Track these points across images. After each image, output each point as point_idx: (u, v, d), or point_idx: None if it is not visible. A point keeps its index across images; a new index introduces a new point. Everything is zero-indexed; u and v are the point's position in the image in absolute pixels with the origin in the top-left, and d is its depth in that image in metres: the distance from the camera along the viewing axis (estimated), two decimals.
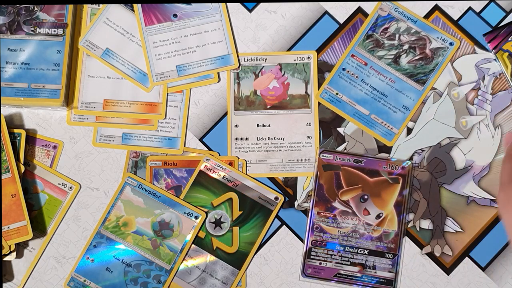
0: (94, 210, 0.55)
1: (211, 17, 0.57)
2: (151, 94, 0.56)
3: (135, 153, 0.56)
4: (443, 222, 0.55)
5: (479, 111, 0.56)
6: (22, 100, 0.54)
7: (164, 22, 0.57)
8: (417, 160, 0.56)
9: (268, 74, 0.57)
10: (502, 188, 0.43)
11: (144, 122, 0.56)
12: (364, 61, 0.57)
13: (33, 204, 0.55)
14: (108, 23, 0.57)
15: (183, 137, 0.56)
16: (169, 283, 0.54)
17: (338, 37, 0.58)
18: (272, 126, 0.56)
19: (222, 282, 0.54)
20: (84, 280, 0.54)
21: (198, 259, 0.54)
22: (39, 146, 0.56)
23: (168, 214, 0.54)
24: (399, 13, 0.57)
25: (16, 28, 0.56)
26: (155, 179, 0.56)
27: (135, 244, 0.54)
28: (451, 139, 0.56)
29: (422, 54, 0.57)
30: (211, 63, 0.57)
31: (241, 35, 0.58)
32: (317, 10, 0.58)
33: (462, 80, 0.57)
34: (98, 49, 0.57)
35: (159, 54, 0.57)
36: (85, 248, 0.54)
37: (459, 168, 0.56)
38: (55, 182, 0.55)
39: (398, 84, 0.56)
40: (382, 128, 0.56)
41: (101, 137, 0.56)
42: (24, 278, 0.54)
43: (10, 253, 0.53)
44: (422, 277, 0.54)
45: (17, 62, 0.55)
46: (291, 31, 0.58)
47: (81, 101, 0.56)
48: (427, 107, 0.56)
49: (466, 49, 0.57)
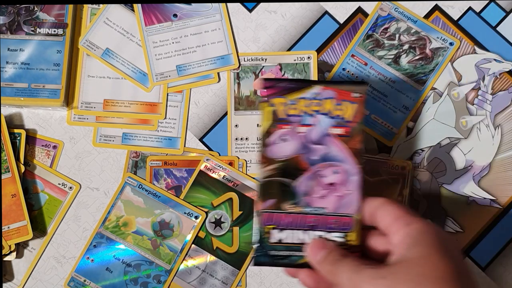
0: (94, 210, 0.55)
1: (211, 17, 0.57)
2: (151, 94, 0.56)
3: (135, 153, 0.56)
4: (443, 222, 0.55)
5: (479, 111, 0.56)
6: (22, 100, 0.54)
7: (164, 22, 0.57)
8: (417, 160, 0.56)
9: (268, 74, 0.57)
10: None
11: (144, 122, 0.56)
12: (364, 61, 0.57)
13: (33, 204, 0.55)
14: (108, 23, 0.57)
15: (183, 137, 0.56)
16: (169, 283, 0.54)
17: (338, 37, 0.58)
18: None
19: (222, 282, 0.54)
20: (84, 280, 0.54)
21: (198, 259, 0.54)
22: (39, 146, 0.56)
23: (168, 214, 0.54)
24: (399, 13, 0.57)
25: (16, 28, 0.56)
26: (155, 179, 0.56)
27: (135, 244, 0.54)
28: (451, 139, 0.56)
29: (422, 54, 0.57)
30: (211, 63, 0.57)
31: (241, 35, 0.58)
32: (317, 10, 0.58)
33: (462, 80, 0.57)
34: (98, 49, 0.57)
35: (159, 54, 0.57)
36: (85, 248, 0.54)
37: (459, 168, 0.56)
38: (55, 182, 0.55)
39: (398, 84, 0.56)
40: (382, 128, 0.56)
41: (101, 137, 0.56)
42: (24, 278, 0.54)
43: (10, 253, 0.53)
44: None
45: (17, 62, 0.55)
46: (291, 31, 0.58)
47: (81, 101, 0.56)
48: (427, 107, 0.56)
49: (466, 49, 0.57)
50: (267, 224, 0.42)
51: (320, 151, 0.43)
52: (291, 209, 0.42)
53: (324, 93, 0.43)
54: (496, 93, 0.57)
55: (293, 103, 0.43)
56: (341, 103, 0.43)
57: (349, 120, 0.43)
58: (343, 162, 0.42)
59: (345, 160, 0.43)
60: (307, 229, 0.42)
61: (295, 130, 0.43)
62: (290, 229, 0.42)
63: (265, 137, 0.43)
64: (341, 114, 0.43)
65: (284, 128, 0.43)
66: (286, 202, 0.42)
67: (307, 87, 0.43)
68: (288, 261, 0.42)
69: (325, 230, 0.42)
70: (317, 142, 0.43)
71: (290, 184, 0.42)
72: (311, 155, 0.43)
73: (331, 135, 0.43)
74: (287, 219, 0.42)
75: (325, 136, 0.43)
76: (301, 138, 0.43)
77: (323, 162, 0.42)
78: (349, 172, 0.42)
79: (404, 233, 0.38)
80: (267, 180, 0.42)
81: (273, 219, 0.42)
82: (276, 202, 0.42)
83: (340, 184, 0.42)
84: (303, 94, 0.43)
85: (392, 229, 0.39)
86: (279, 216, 0.42)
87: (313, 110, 0.43)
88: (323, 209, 0.42)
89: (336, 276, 0.38)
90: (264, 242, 0.42)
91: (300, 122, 0.43)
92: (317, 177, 0.42)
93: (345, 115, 0.43)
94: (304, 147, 0.43)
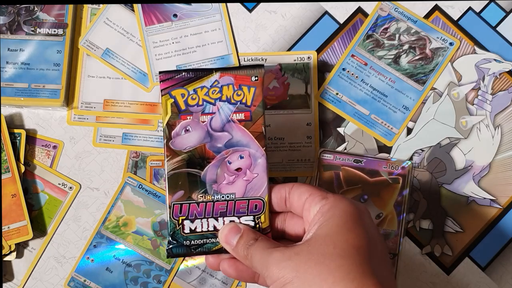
0: (94, 210, 0.55)
1: (211, 17, 0.57)
2: (151, 94, 0.56)
3: (135, 153, 0.56)
4: (443, 222, 0.55)
5: (479, 111, 0.56)
6: (22, 100, 0.54)
7: (164, 22, 0.57)
8: (417, 160, 0.56)
9: (268, 74, 0.57)
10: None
11: (144, 122, 0.56)
12: (364, 61, 0.57)
13: (33, 204, 0.55)
14: (108, 23, 0.57)
15: None
16: (169, 283, 0.54)
17: (338, 37, 0.58)
18: (272, 126, 0.56)
19: (222, 282, 0.54)
20: (84, 280, 0.54)
21: (198, 259, 0.54)
22: (39, 146, 0.56)
23: None
24: (399, 13, 0.57)
25: (16, 28, 0.56)
26: (155, 179, 0.56)
27: (135, 244, 0.54)
28: (451, 139, 0.56)
29: (422, 54, 0.57)
30: (211, 63, 0.57)
31: (241, 35, 0.58)
32: (317, 10, 0.58)
33: (462, 80, 0.57)
34: (98, 49, 0.57)
35: (159, 54, 0.57)
36: (85, 248, 0.54)
37: (459, 168, 0.56)
38: (55, 182, 0.55)
39: (398, 84, 0.56)
40: (382, 128, 0.56)
41: (101, 137, 0.56)
42: (24, 278, 0.54)
43: (10, 253, 0.53)
44: (422, 277, 0.54)
45: (17, 62, 0.55)
46: (291, 31, 0.58)
47: (81, 101, 0.56)
48: (427, 107, 0.56)
49: (466, 49, 0.57)
50: (179, 215, 0.42)
51: (224, 138, 0.43)
52: (201, 198, 0.42)
53: (223, 80, 0.43)
54: (496, 93, 0.57)
55: (193, 93, 0.43)
56: (240, 88, 0.43)
57: (249, 104, 0.43)
58: (248, 146, 0.43)
59: (249, 144, 0.43)
60: (219, 216, 0.42)
61: (198, 119, 0.43)
62: (202, 218, 0.42)
63: (169, 130, 0.43)
64: (241, 99, 0.43)
65: (187, 118, 0.43)
66: (196, 192, 0.42)
67: (206, 76, 0.43)
68: (203, 249, 0.42)
69: (236, 215, 0.42)
70: (220, 130, 0.43)
71: (198, 174, 0.43)
72: (216, 143, 0.43)
73: (233, 121, 0.43)
74: (197, 208, 0.42)
75: (228, 122, 0.43)
76: (204, 127, 0.43)
77: (227, 149, 0.43)
78: (254, 156, 0.43)
79: (317, 209, 0.38)
80: (174, 172, 0.43)
81: (184, 210, 0.42)
82: (185, 193, 0.42)
83: (246, 168, 0.43)
84: (203, 83, 0.43)
85: (306, 206, 0.39)
86: (189, 206, 0.42)
87: (213, 98, 0.43)
88: (232, 194, 0.42)
89: (250, 260, 0.39)
90: (177, 234, 0.42)
91: (202, 111, 0.43)
92: (223, 164, 0.43)
93: (245, 99, 0.43)
94: (208, 135, 0.43)
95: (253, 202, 0.42)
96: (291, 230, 0.42)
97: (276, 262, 0.36)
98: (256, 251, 0.38)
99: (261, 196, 0.42)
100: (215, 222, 0.42)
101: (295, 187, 0.40)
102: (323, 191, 0.39)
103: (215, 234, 0.42)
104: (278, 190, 0.42)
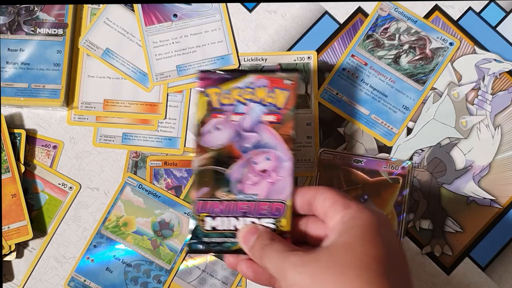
0: (94, 210, 0.55)
1: (211, 17, 0.57)
2: (151, 94, 0.56)
3: (135, 153, 0.56)
4: (443, 222, 0.55)
5: (479, 111, 0.56)
6: (22, 100, 0.54)
7: (164, 22, 0.57)
8: (417, 160, 0.56)
9: None
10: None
11: (144, 122, 0.56)
12: (364, 61, 0.57)
13: (33, 204, 0.55)
14: (108, 23, 0.57)
15: (183, 137, 0.56)
16: (169, 283, 0.54)
17: (338, 37, 0.58)
18: None
19: (222, 282, 0.54)
20: (84, 280, 0.54)
21: (198, 259, 0.54)
22: (39, 146, 0.56)
23: (168, 214, 0.54)
24: (399, 13, 0.57)
25: (16, 28, 0.56)
26: (155, 179, 0.56)
27: (135, 244, 0.54)
28: (451, 139, 0.56)
29: (422, 54, 0.57)
30: (211, 63, 0.57)
31: (241, 35, 0.58)
32: (317, 10, 0.58)
33: (462, 80, 0.57)
34: (98, 49, 0.57)
35: (159, 54, 0.57)
36: (85, 248, 0.54)
37: (459, 168, 0.56)
38: (55, 182, 0.55)
39: (398, 84, 0.56)
40: (382, 128, 0.56)
41: (101, 137, 0.56)
42: (24, 278, 0.54)
43: (10, 253, 0.53)
44: (422, 277, 0.54)
45: (17, 62, 0.55)
46: (291, 31, 0.58)
47: (81, 101, 0.56)
48: (427, 107, 0.56)
49: (466, 49, 0.57)
50: (201, 212, 0.42)
51: (253, 138, 0.43)
52: (224, 196, 0.42)
53: (258, 82, 0.44)
54: (496, 93, 0.57)
55: (227, 92, 0.43)
56: (273, 91, 0.44)
57: (280, 107, 0.43)
58: (275, 148, 0.43)
59: (277, 147, 0.43)
60: (240, 216, 0.42)
61: (229, 118, 0.43)
62: (223, 216, 0.42)
63: (200, 126, 0.43)
64: (273, 101, 0.43)
65: (218, 117, 0.43)
66: (220, 190, 0.42)
67: (241, 77, 0.44)
68: (222, 248, 0.42)
69: (257, 217, 0.42)
70: (250, 130, 0.43)
71: (224, 172, 0.43)
72: (244, 143, 0.43)
73: (263, 123, 0.43)
74: (220, 206, 0.42)
75: (258, 123, 0.43)
76: (234, 126, 0.43)
77: (255, 149, 0.43)
78: (281, 158, 0.43)
79: (338, 218, 0.37)
80: (201, 168, 0.43)
81: (206, 207, 0.42)
82: (210, 190, 0.42)
83: (272, 171, 0.43)
84: (237, 84, 0.44)
85: (329, 213, 0.38)
86: (212, 203, 0.42)
87: (245, 98, 0.43)
88: (255, 195, 0.42)
89: (264, 261, 0.38)
90: (198, 230, 0.42)
91: (233, 111, 0.43)
92: (249, 164, 0.43)
93: (277, 102, 0.43)
94: (237, 135, 0.43)
95: (275, 205, 0.42)
96: (313, 233, 0.41)
97: (293, 267, 0.35)
98: (271, 252, 0.38)
99: (284, 199, 0.42)
100: (236, 221, 0.42)
101: (320, 191, 0.40)
102: (347, 199, 0.38)
103: (234, 233, 0.42)
104: (303, 193, 0.41)
